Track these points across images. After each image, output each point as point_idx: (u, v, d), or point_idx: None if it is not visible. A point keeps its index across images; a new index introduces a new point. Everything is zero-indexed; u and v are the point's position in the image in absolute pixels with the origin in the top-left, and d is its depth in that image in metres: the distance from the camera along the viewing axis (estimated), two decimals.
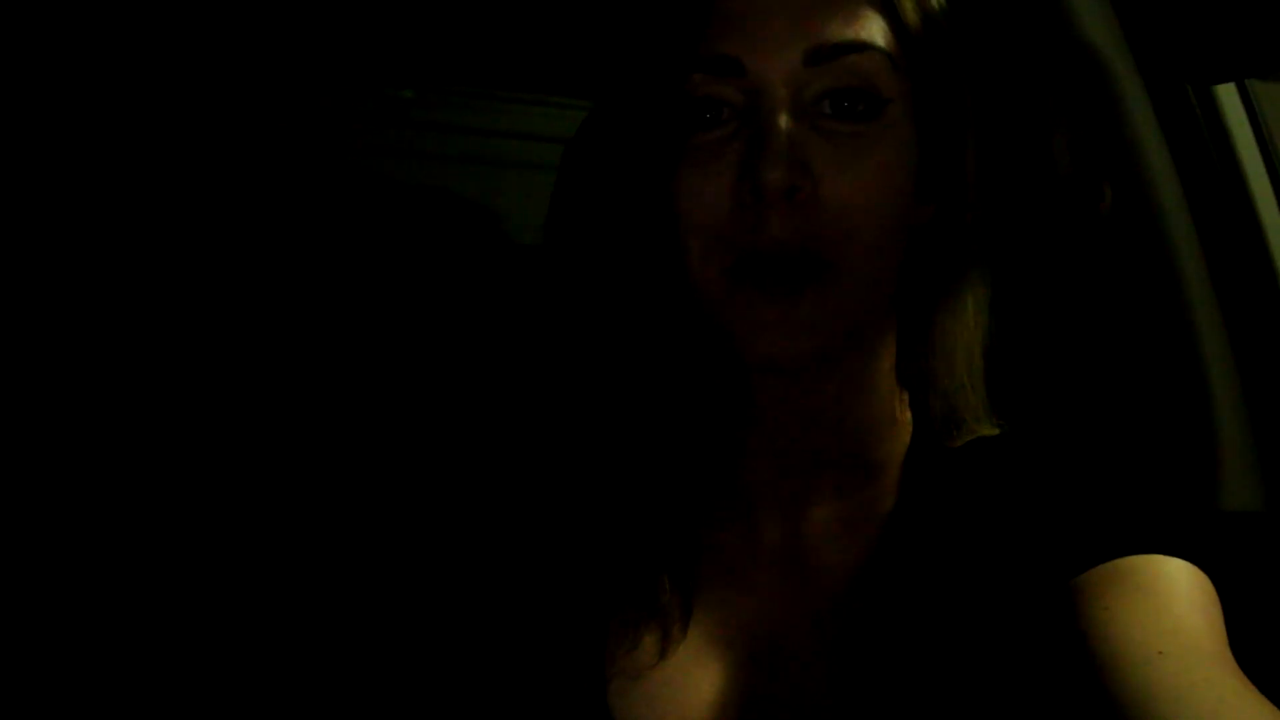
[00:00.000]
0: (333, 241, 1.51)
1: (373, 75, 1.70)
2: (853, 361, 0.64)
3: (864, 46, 0.58)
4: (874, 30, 0.58)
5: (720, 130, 0.59)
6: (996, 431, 0.66)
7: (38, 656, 1.15)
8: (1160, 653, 0.52)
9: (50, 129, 1.35)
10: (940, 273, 0.64)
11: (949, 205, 0.63)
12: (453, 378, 1.31)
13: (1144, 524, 0.59)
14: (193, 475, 1.27)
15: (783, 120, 0.57)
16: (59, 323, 1.32)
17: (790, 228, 0.57)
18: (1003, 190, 0.66)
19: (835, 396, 0.64)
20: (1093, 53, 0.90)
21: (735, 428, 0.66)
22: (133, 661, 1.17)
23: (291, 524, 1.24)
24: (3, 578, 1.16)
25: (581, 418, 0.69)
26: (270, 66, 1.57)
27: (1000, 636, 0.59)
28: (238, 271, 1.44)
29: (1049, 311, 0.94)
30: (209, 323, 1.39)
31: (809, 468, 0.66)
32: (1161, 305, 0.90)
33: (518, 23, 1.46)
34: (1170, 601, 0.55)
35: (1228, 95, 0.91)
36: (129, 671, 1.16)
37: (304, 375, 1.38)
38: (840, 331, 0.60)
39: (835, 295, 0.58)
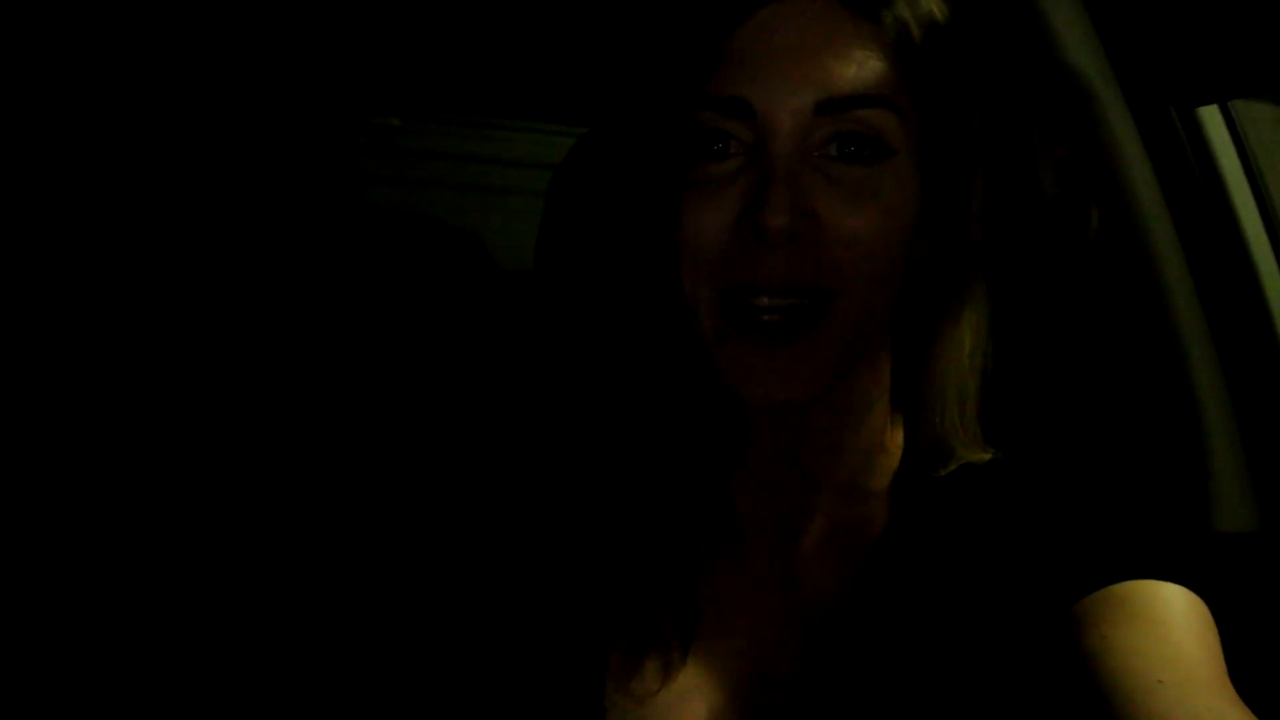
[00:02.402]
0: (322, 269, 1.50)
1: (360, 104, 1.71)
2: (845, 394, 0.64)
3: (874, 100, 0.57)
4: (885, 81, 0.58)
5: (726, 164, 0.59)
6: (987, 456, 0.66)
7: (38, 656, 1.14)
8: (1160, 681, 0.51)
9: (53, 148, 1.35)
10: (937, 305, 0.64)
11: (946, 240, 0.63)
12: (439, 404, 1.31)
13: (1139, 549, 0.59)
14: (204, 488, 1.27)
15: (789, 163, 0.57)
16: (60, 327, 1.31)
17: (787, 267, 0.57)
18: (1001, 220, 0.66)
19: (827, 427, 0.64)
20: (1077, 77, 0.90)
21: (728, 456, 0.66)
22: (133, 662, 1.16)
23: (291, 565, 1.23)
24: (3, 578, 1.15)
25: (574, 445, 0.69)
26: (258, 96, 1.57)
27: (995, 662, 0.59)
28: (227, 297, 1.43)
29: (1038, 335, 0.94)
30: (204, 345, 1.39)
31: (800, 495, 0.65)
32: (1150, 326, 0.90)
33: (503, 52, 1.47)
34: (1168, 629, 0.55)
35: (1211, 117, 0.92)
36: (129, 671, 1.15)
37: (290, 403, 1.38)
38: (830, 374, 0.60)
39: (826, 341, 0.58)
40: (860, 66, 0.57)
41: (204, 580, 1.21)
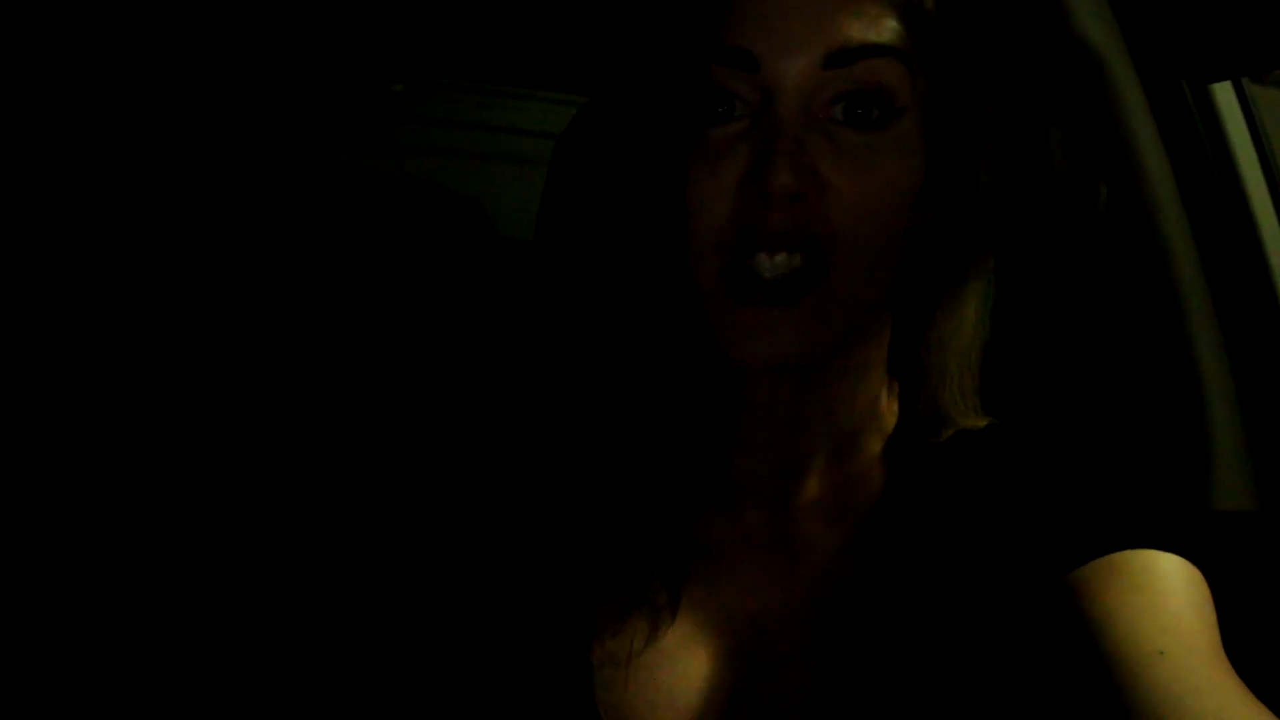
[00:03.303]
0: (324, 236, 1.50)
1: (363, 70, 1.70)
2: (844, 360, 0.64)
3: (884, 50, 0.57)
4: (895, 35, 0.57)
5: (732, 126, 0.58)
6: (984, 423, 0.66)
7: (38, 656, 1.15)
8: (1161, 652, 0.51)
9: (43, 126, 1.34)
10: (941, 274, 0.64)
11: (953, 209, 0.63)
12: (444, 369, 1.31)
13: (1137, 519, 0.59)
14: (174, 463, 1.27)
15: (794, 124, 0.57)
16: (48, 321, 1.31)
17: (791, 221, 0.57)
18: (1008, 190, 0.65)
19: (824, 393, 0.64)
20: (1089, 50, 0.89)
21: (724, 420, 0.66)
22: (126, 660, 1.17)
23: (281, 507, 1.24)
24: (3, 578, 1.16)
25: (572, 409, 0.69)
26: (261, 62, 1.56)
27: (990, 628, 0.59)
28: (229, 267, 1.43)
29: (1043, 308, 0.94)
30: (200, 318, 1.38)
31: (795, 458, 0.66)
32: (1156, 302, 0.89)
33: (509, 17, 1.46)
34: (1167, 599, 0.55)
35: (1223, 93, 0.91)
36: (125, 671, 1.16)
37: (296, 368, 1.38)
38: (831, 336, 0.60)
39: (827, 302, 0.58)
40: (871, 21, 0.57)
41: (189, 566, 1.21)
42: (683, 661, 0.63)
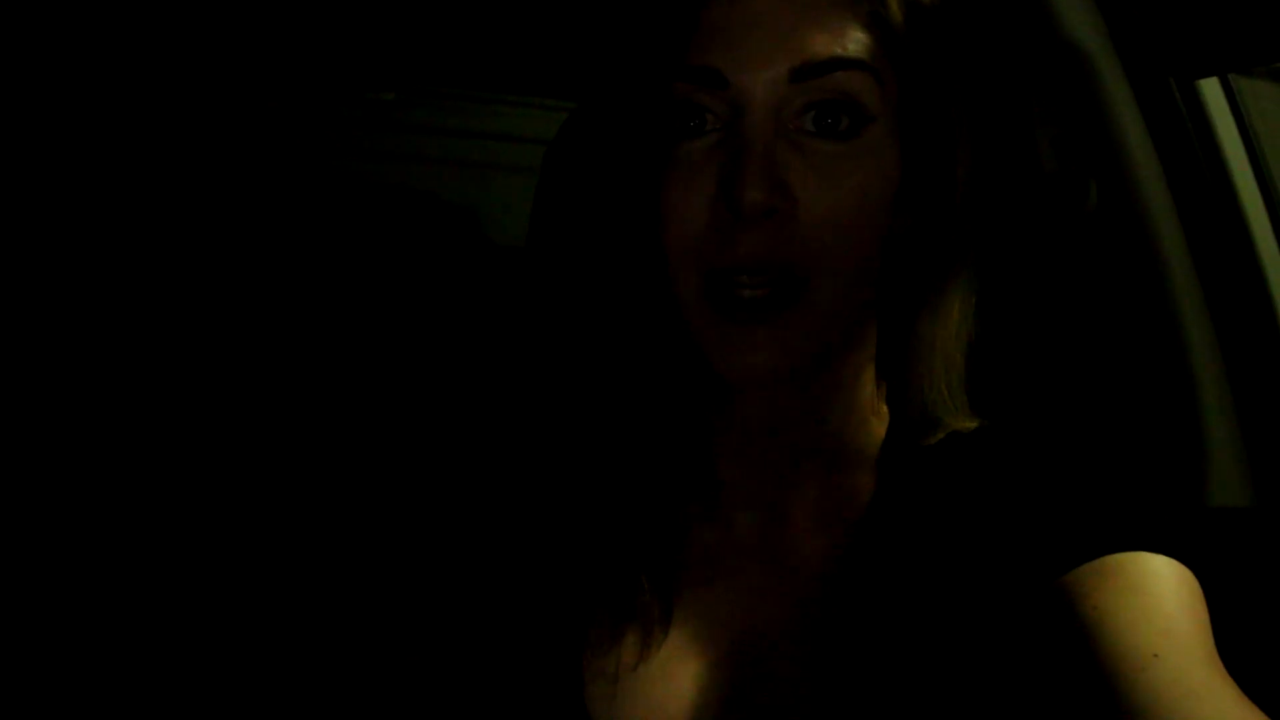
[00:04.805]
0: (316, 244, 1.50)
1: (354, 78, 1.70)
2: (831, 368, 0.64)
3: (851, 64, 0.57)
4: (861, 46, 0.57)
5: (703, 140, 0.58)
6: (974, 425, 0.66)
7: (38, 656, 1.15)
8: (1155, 655, 0.51)
9: (41, 131, 1.34)
10: (923, 277, 0.64)
11: (931, 214, 0.63)
12: (434, 377, 1.31)
13: (1130, 520, 0.58)
14: (175, 466, 1.27)
15: (764, 138, 0.57)
16: (47, 328, 1.31)
17: (765, 246, 0.57)
18: (989, 193, 0.65)
19: (812, 401, 0.64)
20: (1076, 48, 0.89)
21: (713, 429, 0.66)
22: (126, 660, 1.17)
23: (274, 515, 1.24)
24: (3, 578, 1.16)
25: (561, 418, 0.69)
26: (252, 71, 1.56)
27: (984, 630, 0.59)
28: (222, 274, 1.43)
29: (1035, 308, 0.93)
30: (194, 326, 1.39)
31: (785, 465, 0.66)
32: (1147, 300, 0.89)
33: (499, 25, 1.46)
34: (1160, 601, 0.54)
35: (1211, 89, 0.91)
36: (125, 670, 1.16)
37: (288, 374, 1.38)
38: (813, 349, 0.60)
39: (808, 317, 0.58)
40: (836, 34, 0.57)
41: (185, 567, 1.22)
42: (675, 674, 0.62)
